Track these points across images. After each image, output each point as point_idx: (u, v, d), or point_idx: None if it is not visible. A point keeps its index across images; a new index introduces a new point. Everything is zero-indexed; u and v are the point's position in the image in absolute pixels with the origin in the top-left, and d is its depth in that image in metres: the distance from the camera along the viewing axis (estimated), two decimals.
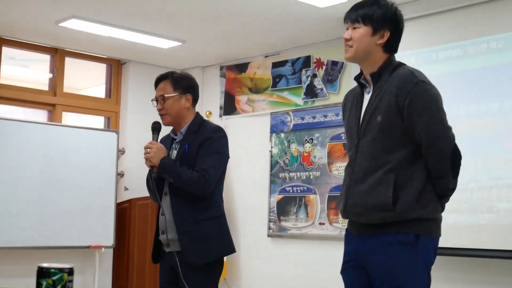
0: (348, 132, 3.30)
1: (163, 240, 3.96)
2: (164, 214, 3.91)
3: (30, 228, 6.72)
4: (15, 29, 6.83)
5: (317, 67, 7.01)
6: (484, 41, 5.31)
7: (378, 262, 3.08)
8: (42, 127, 6.98)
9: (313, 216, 6.82)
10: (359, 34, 3.15)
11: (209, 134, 3.96)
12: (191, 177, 3.82)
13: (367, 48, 3.14)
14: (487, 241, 5.14)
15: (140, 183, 7.93)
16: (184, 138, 4.00)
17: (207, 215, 3.91)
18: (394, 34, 3.16)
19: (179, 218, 3.87)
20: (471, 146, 5.25)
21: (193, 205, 3.88)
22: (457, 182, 3.12)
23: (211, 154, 3.91)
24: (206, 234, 3.88)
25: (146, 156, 3.91)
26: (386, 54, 3.17)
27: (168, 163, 3.86)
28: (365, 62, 3.19)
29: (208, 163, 3.87)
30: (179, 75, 4.09)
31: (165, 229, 3.89)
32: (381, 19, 3.13)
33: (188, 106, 4.04)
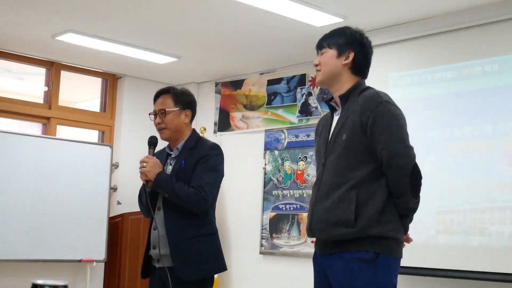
0: (317, 153, 3.40)
1: (154, 255, 3.93)
2: (156, 228, 3.89)
3: (21, 241, 6.70)
4: (12, 42, 6.83)
5: (312, 85, 7.03)
6: (478, 63, 5.34)
7: (339, 280, 3.13)
8: (36, 140, 6.97)
9: (305, 234, 6.81)
10: (325, 58, 3.32)
11: (206, 151, 3.96)
12: (187, 193, 3.81)
13: (334, 70, 3.28)
14: (478, 263, 5.15)
15: (133, 197, 7.90)
16: (180, 154, 4.01)
17: (200, 232, 3.91)
18: (359, 56, 3.30)
19: (172, 234, 3.85)
20: (464, 167, 5.28)
21: (187, 221, 3.88)
22: (419, 202, 3.16)
23: (208, 171, 3.92)
24: (199, 251, 3.87)
25: (142, 170, 3.89)
26: (354, 77, 3.30)
27: (164, 178, 3.85)
28: (334, 85, 3.31)
29: (205, 180, 3.87)
30: (180, 90, 4.11)
31: (157, 244, 3.87)
32: (344, 41, 3.30)
33: (187, 122, 4.06)
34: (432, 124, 5.41)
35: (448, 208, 5.32)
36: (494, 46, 5.28)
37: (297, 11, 5.54)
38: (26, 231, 6.74)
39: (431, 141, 5.44)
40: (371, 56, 3.36)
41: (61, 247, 6.94)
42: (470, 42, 5.43)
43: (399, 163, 3.05)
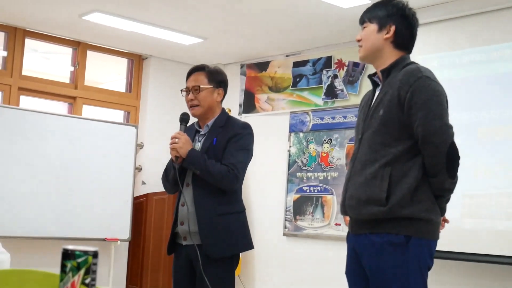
0: (356, 128, 3.32)
1: (181, 231, 3.92)
2: (185, 205, 3.88)
3: (47, 219, 6.76)
4: (38, 22, 6.87)
5: (338, 68, 7.00)
6: (508, 46, 5.29)
7: (369, 263, 3.08)
8: (62, 119, 7.02)
9: (329, 217, 6.82)
10: (366, 33, 3.22)
11: (238, 130, 3.95)
12: (220, 171, 3.80)
13: (375, 45, 3.19)
14: (503, 248, 5.12)
15: (157, 178, 7.92)
16: (210, 131, 3.99)
17: (229, 210, 3.91)
18: (402, 28, 3.18)
19: (202, 211, 3.85)
20: (491, 151, 5.24)
21: (216, 198, 3.87)
22: (455, 183, 3.06)
23: (240, 150, 3.91)
24: (227, 228, 3.87)
25: (174, 146, 3.85)
26: (397, 51, 3.19)
27: (197, 155, 3.83)
28: (377, 60, 3.22)
29: (237, 159, 3.87)
30: (214, 69, 4.09)
31: (185, 220, 3.87)
32: (385, 14, 3.18)
33: (219, 101, 4.05)
34: (460, 107, 5.37)
35: (474, 192, 5.29)
36: None
37: None
38: (52, 210, 6.80)
39: (458, 124, 5.34)
40: (416, 29, 3.24)
41: (86, 226, 7.00)
42: (499, 25, 5.38)
43: (435, 141, 2.95)
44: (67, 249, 1.20)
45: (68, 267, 1.19)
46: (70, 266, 1.19)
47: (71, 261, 1.19)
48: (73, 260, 1.19)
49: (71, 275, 1.19)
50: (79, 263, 1.19)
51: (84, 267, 1.19)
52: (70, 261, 1.19)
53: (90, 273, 1.20)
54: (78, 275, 1.19)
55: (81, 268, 1.19)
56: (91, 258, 1.20)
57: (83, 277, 1.19)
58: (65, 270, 1.19)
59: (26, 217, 6.64)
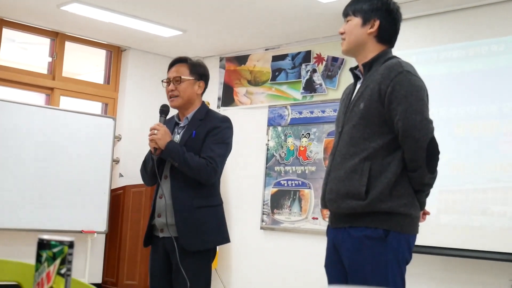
0: (336, 121, 3.31)
1: (158, 224, 3.91)
2: (162, 197, 3.87)
3: (23, 211, 6.73)
4: (16, 11, 6.81)
5: (317, 62, 7.01)
6: (485, 43, 5.32)
7: (348, 257, 3.08)
8: (39, 110, 6.98)
9: (306, 211, 6.84)
10: (349, 26, 3.20)
11: (217, 123, 3.95)
12: (198, 164, 3.80)
13: (359, 39, 3.17)
14: (479, 243, 5.16)
15: (135, 170, 7.92)
16: (189, 124, 3.99)
17: (206, 203, 3.91)
18: (386, 23, 3.17)
19: (178, 203, 3.84)
20: (469, 147, 5.28)
21: (194, 191, 3.86)
22: (435, 178, 3.07)
23: (219, 143, 3.91)
24: (204, 222, 3.87)
25: (152, 138, 3.84)
26: (380, 45, 3.18)
27: (175, 147, 3.82)
28: (359, 54, 3.21)
29: (216, 152, 3.87)
30: (197, 61, 4.10)
31: (162, 212, 3.86)
32: (370, 9, 3.17)
33: (199, 93, 4.05)
34: (437, 103, 5.38)
35: (451, 188, 5.32)
36: (500, 26, 5.26)
37: None
38: (28, 201, 6.76)
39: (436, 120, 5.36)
40: (400, 23, 3.24)
41: (63, 218, 6.97)
42: (476, 21, 5.41)
43: (415, 136, 2.94)
44: (42, 239, 1.19)
45: (43, 257, 1.18)
46: (46, 256, 1.18)
47: (46, 251, 1.18)
48: (49, 250, 1.18)
49: (46, 265, 1.18)
50: (54, 253, 1.18)
51: (59, 257, 1.18)
52: (46, 251, 1.18)
53: (66, 263, 1.19)
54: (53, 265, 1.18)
55: (56, 258, 1.18)
56: (67, 248, 1.19)
57: (58, 267, 1.18)
58: (40, 260, 1.19)
59: (2, 209, 6.59)
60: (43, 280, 1.18)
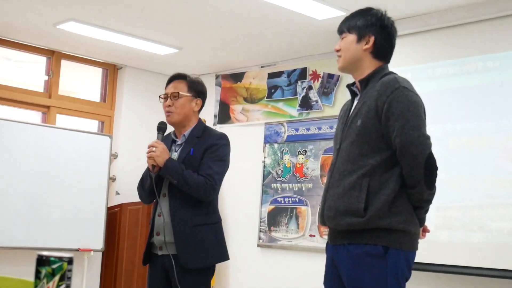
0: (334, 138, 3.31)
1: (157, 242, 3.91)
2: (161, 215, 3.87)
3: (20, 229, 6.70)
4: (12, 30, 6.81)
5: (313, 79, 7.02)
6: (480, 59, 5.33)
7: (348, 274, 3.07)
8: (36, 129, 6.97)
9: (303, 228, 6.82)
10: (345, 43, 3.21)
11: (215, 140, 3.96)
12: (197, 181, 3.81)
13: (354, 55, 3.18)
14: (478, 259, 5.15)
15: (132, 188, 7.89)
16: (186, 141, 3.99)
17: (205, 220, 3.91)
18: (381, 39, 3.18)
19: (177, 221, 3.84)
20: (465, 163, 5.27)
21: (192, 209, 3.87)
22: (434, 194, 3.06)
23: (216, 161, 3.92)
24: (203, 240, 3.87)
25: (151, 155, 3.84)
26: (376, 61, 3.19)
27: (174, 165, 3.82)
28: (356, 71, 3.22)
29: (214, 169, 3.88)
30: (195, 78, 4.13)
31: (161, 230, 3.86)
32: (364, 25, 3.18)
33: (196, 111, 4.07)
34: (434, 119, 5.35)
35: (448, 204, 5.31)
36: (496, 42, 5.27)
37: (299, 3, 5.53)
38: (24, 219, 6.73)
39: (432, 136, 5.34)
40: (395, 39, 3.25)
41: (59, 236, 6.94)
42: (472, 37, 5.43)
43: (412, 152, 2.94)
44: (42, 255, 1.19)
45: (42, 273, 1.18)
46: (45, 273, 1.17)
47: (45, 267, 1.18)
48: (48, 266, 1.18)
49: (45, 281, 1.18)
50: (53, 269, 1.18)
51: (59, 273, 1.18)
52: (45, 267, 1.18)
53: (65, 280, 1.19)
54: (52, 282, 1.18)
55: (55, 275, 1.18)
56: (66, 264, 1.19)
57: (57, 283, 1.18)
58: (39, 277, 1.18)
59: None
60: None
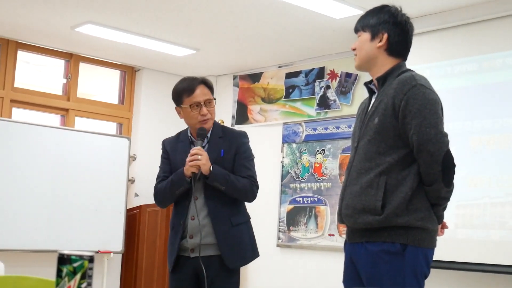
0: (352, 136, 3.32)
1: (190, 244, 3.86)
2: (195, 218, 3.83)
3: (40, 232, 6.73)
4: (31, 33, 6.86)
5: (330, 78, 7.01)
6: (499, 56, 5.30)
7: (366, 272, 3.07)
8: (55, 131, 7.01)
9: (323, 227, 6.81)
10: (360, 42, 3.22)
11: (242, 139, 3.99)
12: (244, 185, 3.88)
13: (369, 53, 3.19)
14: (498, 257, 5.12)
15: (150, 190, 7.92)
16: (210, 142, 3.94)
17: (241, 220, 3.97)
18: (394, 35, 3.17)
19: (217, 222, 3.84)
20: (485, 161, 5.24)
21: (229, 209, 3.91)
22: (452, 191, 3.06)
23: (250, 160, 3.99)
24: (241, 238, 3.93)
25: (196, 163, 3.76)
26: (392, 59, 3.18)
27: (221, 171, 3.82)
28: (372, 68, 3.22)
29: (252, 170, 3.96)
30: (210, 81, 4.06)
31: (195, 233, 3.82)
32: (377, 22, 3.18)
33: None
34: (453, 117, 5.36)
35: (468, 202, 5.29)
36: None
37: (316, 2, 5.53)
38: (44, 222, 6.77)
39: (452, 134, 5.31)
40: (411, 35, 3.22)
41: (79, 238, 6.97)
42: (490, 34, 5.40)
43: (430, 150, 2.93)
44: (63, 254, 1.19)
45: (64, 272, 1.18)
46: (66, 271, 1.18)
47: (67, 266, 1.18)
48: (69, 265, 1.18)
49: (67, 280, 1.18)
50: (75, 267, 1.18)
51: (80, 271, 1.18)
52: (66, 266, 1.18)
53: (86, 278, 1.19)
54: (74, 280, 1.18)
55: (77, 273, 1.18)
56: (87, 262, 1.19)
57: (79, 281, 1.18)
58: (61, 275, 1.18)
59: (19, 230, 6.60)
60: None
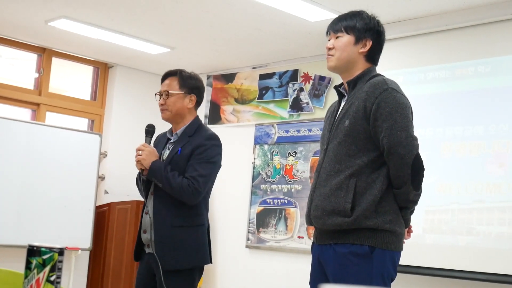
0: (321, 138, 3.34)
1: (144, 239, 3.92)
2: (148, 213, 3.89)
3: (7, 226, 6.67)
4: (3, 26, 6.79)
5: (304, 81, 7.03)
6: (472, 64, 5.35)
7: (334, 273, 3.09)
8: (25, 126, 6.95)
9: (292, 229, 6.82)
10: (342, 43, 3.21)
11: (202, 141, 3.91)
12: (181, 184, 3.78)
13: (349, 57, 3.20)
14: (464, 263, 5.17)
15: (120, 187, 7.94)
16: (178, 140, 3.97)
17: (186, 222, 3.88)
18: (376, 43, 3.22)
19: (158, 221, 3.84)
20: (454, 168, 5.29)
21: (174, 210, 3.85)
22: (420, 195, 3.09)
23: (202, 163, 3.87)
24: (182, 241, 3.84)
25: (138, 158, 3.86)
26: (367, 64, 3.22)
27: (158, 167, 3.82)
28: (346, 71, 3.23)
29: (199, 172, 3.83)
30: (188, 74, 4.08)
31: (147, 228, 3.88)
32: (363, 28, 3.20)
33: (191, 107, 4.03)
34: (424, 123, 5.41)
35: (436, 208, 5.33)
36: (487, 47, 5.30)
37: (291, 5, 5.53)
38: (12, 217, 6.71)
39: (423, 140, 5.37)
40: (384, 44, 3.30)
41: (47, 234, 6.91)
42: (463, 42, 5.45)
43: (400, 152, 2.97)
44: (32, 246, 1.18)
45: (33, 263, 1.17)
46: (36, 263, 1.17)
47: (36, 258, 1.17)
48: (39, 257, 1.17)
49: (36, 272, 1.17)
50: (44, 260, 1.18)
51: (49, 264, 1.17)
52: (36, 258, 1.17)
53: (56, 271, 1.18)
54: (43, 272, 1.17)
55: (46, 265, 1.17)
56: (57, 255, 1.19)
57: (48, 274, 1.17)
58: (30, 267, 1.18)
59: None
60: (33, 287, 1.17)
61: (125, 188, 7.55)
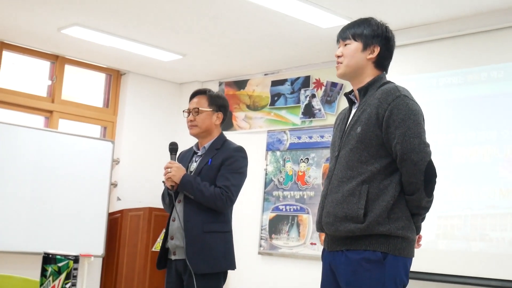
0: (332, 145, 3.34)
1: (171, 246, 4.08)
2: (175, 220, 4.05)
3: (20, 234, 6.70)
4: (17, 34, 6.83)
5: (316, 87, 7.03)
6: (484, 69, 5.34)
7: (346, 280, 3.07)
8: (38, 133, 6.98)
9: (304, 236, 6.82)
10: (349, 50, 3.22)
11: (231, 152, 4.15)
12: (213, 193, 3.99)
13: (358, 63, 3.20)
14: (477, 269, 5.14)
15: (133, 193, 7.95)
16: (206, 152, 4.18)
17: (215, 228, 4.07)
18: (384, 50, 3.22)
19: (189, 227, 3.99)
20: (467, 173, 5.27)
21: (204, 216, 4.03)
22: (432, 202, 3.08)
23: (233, 173, 4.10)
24: (212, 246, 4.01)
25: (168, 176, 4.03)
26: (376, 70, 3.22)
27: (188, 180, 4.01)
28: (356, 78, 3.23)
29: (231, 181, 4.06)
30: (216, 93, 4.32)
31: (175, 234, 4.04)
32: (371, 35, 3.20)
33: (217, 124, 4.25)
34: (436, 129, 5.40)
35: (449, 213, 5.32)
36: (500, 53, 5.28)
37: (303, 11, 5.54)
38: (25, 224, 6.74)
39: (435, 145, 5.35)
40: (393, 50, 3.29)
41: (60, 241, 6.93)
42: (476, 48, 5.44)
43: (413, 159, 2.96)
44: (48, 253, 1.19)
45: (48, 271, 1.18)
46: (51, 271, 1.18)
47: (51, 266, 1.18)
48: (54, 265, 1.18)
49: (51, 279, 1.18)
50: (60, 267, 1.18)
51: (65, 271, 1.18)
52: (51, 266, 1.18)
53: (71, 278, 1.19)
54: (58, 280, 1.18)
55: (62, 273, 1.18)
56: (72, 262, 1.19)
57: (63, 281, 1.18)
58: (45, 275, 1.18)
59: None
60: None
61: (138, 195, 7.57)
